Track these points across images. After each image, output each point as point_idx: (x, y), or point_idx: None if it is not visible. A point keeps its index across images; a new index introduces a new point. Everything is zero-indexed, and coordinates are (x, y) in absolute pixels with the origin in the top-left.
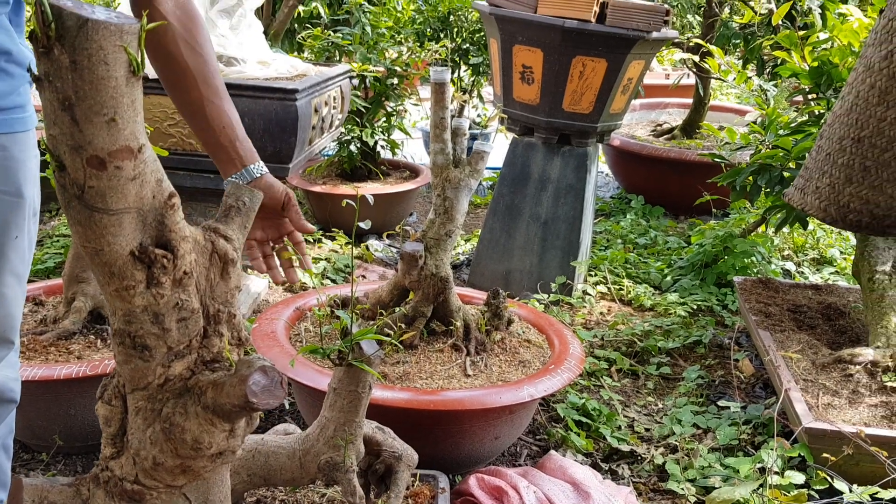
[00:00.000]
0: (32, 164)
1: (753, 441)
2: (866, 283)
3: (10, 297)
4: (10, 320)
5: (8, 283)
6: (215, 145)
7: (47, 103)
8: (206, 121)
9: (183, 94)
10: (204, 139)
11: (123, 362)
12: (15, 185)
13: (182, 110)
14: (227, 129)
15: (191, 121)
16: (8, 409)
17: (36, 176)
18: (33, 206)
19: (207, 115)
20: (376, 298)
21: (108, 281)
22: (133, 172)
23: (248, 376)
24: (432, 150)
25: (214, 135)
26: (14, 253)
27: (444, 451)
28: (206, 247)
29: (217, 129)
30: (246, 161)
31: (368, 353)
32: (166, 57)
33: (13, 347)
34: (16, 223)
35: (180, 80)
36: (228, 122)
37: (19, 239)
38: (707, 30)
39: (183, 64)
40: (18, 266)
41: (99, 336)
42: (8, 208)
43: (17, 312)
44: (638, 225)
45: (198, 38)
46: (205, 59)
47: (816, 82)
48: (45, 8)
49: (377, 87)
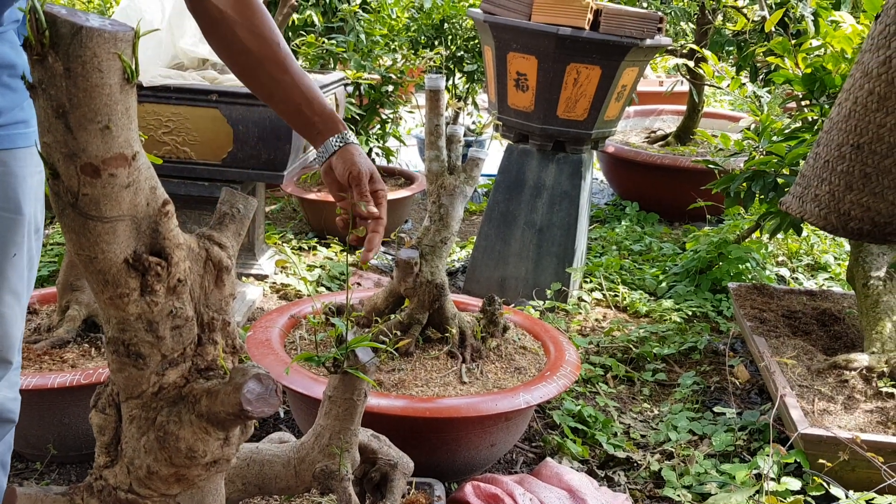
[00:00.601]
0: (35, 181)
1: (749, 447)
2: (861, 289)
3: (8, 317)
4: (8, 340)
5: (6, 302)
6: (299, 124)
7: (41, 111)
8: (283, 102)
9: (253, 80)
10: (288, 119)
11: (117, 370)
12: (14, 201)
13: (259, 95)
14: (304, 107)
15: (270, 103)
16: (7, 429)
17: (38, 192)
18: (34, 223)
19: (283, 96)
20: (371, 306)
21: (102, 289)
22: (127, 180)
23: (243, 384)
24: (427, 157)
25: (294, 114)
26: (12, 271)
27: (440, 459)
28: (200, 254)
29: (294, 108)
30: (325, 134)
31: (364, 360)
32: (229, 47)
33: (12, 367)
34: (14, 241)
35: (247, 66)
36: (304, 98)
37: (18, 257)
38: (700, 37)
39: (246, 50)
40: (17, 285)
41: (93, 344)
42: (6, 226)
43: (16, 332)
44: (633, 231)
45: (255, 22)
46: (268, 42)
47: (810, 88)
48: (40, 15)
49: (372, 94)
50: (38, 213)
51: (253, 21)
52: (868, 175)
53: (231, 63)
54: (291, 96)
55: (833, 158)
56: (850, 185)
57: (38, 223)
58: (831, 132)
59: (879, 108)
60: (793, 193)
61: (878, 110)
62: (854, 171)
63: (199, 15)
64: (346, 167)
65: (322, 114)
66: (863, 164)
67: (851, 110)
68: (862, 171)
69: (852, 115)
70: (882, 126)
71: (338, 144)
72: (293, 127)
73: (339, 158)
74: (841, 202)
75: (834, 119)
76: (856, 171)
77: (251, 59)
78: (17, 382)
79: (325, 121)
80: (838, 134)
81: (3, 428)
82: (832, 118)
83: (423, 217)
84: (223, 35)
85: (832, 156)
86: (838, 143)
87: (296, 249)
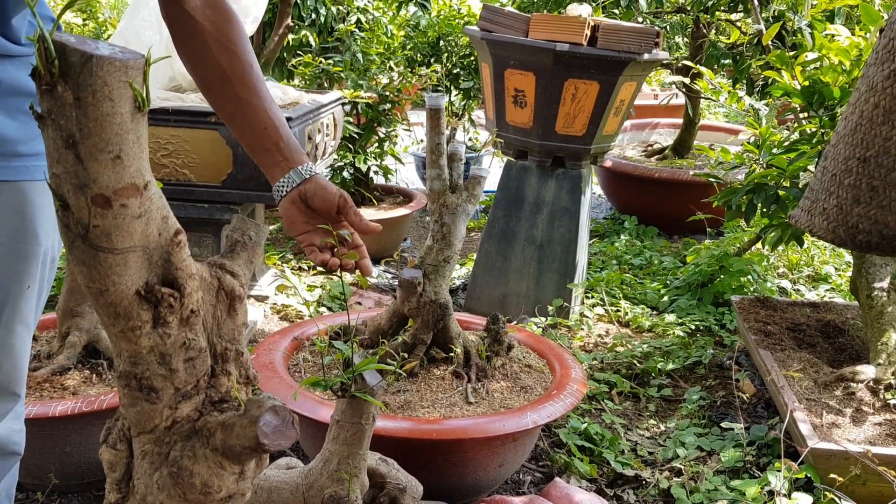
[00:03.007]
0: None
1: (759, 462)
2: (865, 300)
3: (18, 348)
4: (17, 372)
5: (18, 333)
6: (258, 149)
7: (50, 141)
8: (245, 123)
9: (217, 96)
10: (246, 143)
11: (129, 405)
12: (32, 232)
13: (220, 113)
14: (270, 131)
15: (230, 123)
16: (12, 462)
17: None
18: (51, 253)
19: (245, 117)
20: (375, 326)
21: (114, 322)
22: (139, 210)
23: (259, 417)
24: (429, 175)
25: (255, 138)
26: (24, 303)
27: (448, 481)
28: (212, 283)
29: (258, 131)
30: (292, 162)
31: (371, 384)
32: (198, 58)
33: (19, 400)
34: (29, 273)
35: (214, 81)
36: (270, 122)
37: (31, 289)
38: (696, 50)
39: (215, 64)
40: (28, 316)
41: (94, 371)
42: (23, 258)
43: (24, 364)
44: (632, 245)
45: (230, 37)
46: (240, 58)
47: (809, 101)
48: (49, 44)
49: (369, 113)
50: (56, 243)
51: (228, 35)
52: (875, 188)
53: (198, 76)
54: (257, 118)
55: (840, 172)
56: (857, 198)
57: (55, 254)
58: (838, 146)
59: (885, 121)
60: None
61: (883, 123)
62: (861, 184)
63: (171, 21)
64: (329, 195)
65: (288, 141)
66: (870, 177)
67: (857, 124)
68: (869, 184)
69: (858, 128)
70: (888, 139)
71: (310, 172)
72: (251, 152)
73: (313, 186)
74: (849, 215)
75: (840, 133)
76: (863, 185)
77: (219, 74)
78: (22, 414)
79: (292, 149)
80: (845, 147)
81: (9, 461)
82: (838, 132)
83: (422, 235)
84: (194, 46)
85: (839, 169)
86: (845, 157)
87: (295, 269)
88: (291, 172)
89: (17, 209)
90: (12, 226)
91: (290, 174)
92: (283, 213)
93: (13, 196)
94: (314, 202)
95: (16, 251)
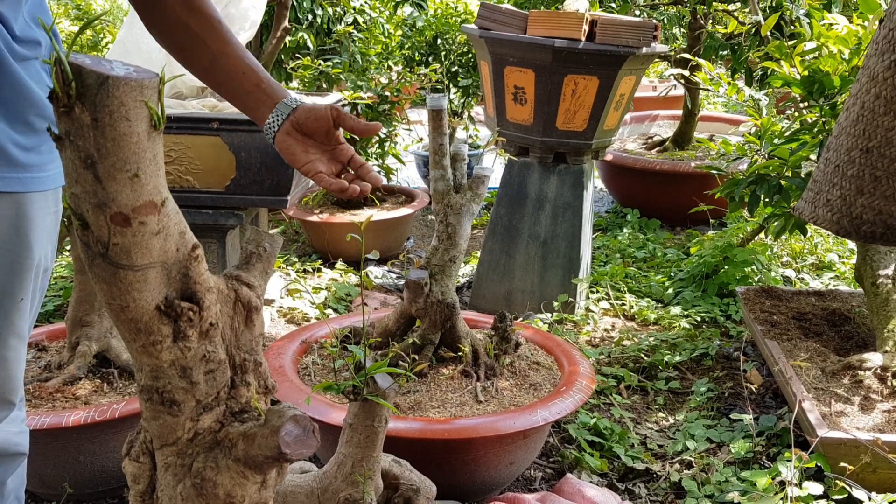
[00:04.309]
0: (49, 221)
1: (769, 453)
2: (870, 288)
3: (11, 360)
4: (11, 382)
5: (11, 345)
6: (242, 94)
7: (68, 162)
8: (223, 73)
9: (190, 55)
10: (228, 92)
11: (151, 418)
12: (26, 244)
13: (196, 71)
14: (249, 74)
15: (208, 78)
16: (16, 463)
17: (51, 233)
18: (44, 263)
19: (222, 66)
20: (383, 328)
21: (135, 337)
22: (157, 227)
23: (280, 427)
24: (432, 176)
25: (236, 84)
26: (18, 315)
27: (460, 480)
28: (229, 295)
29: (237, 77)
30: (276, 98)
31: (383, 386)
32: (165, 24)
33: (14, 408)
34: (22, 285)
35: (185, 41)
36: (247, 66)
37: (24, 301)
38: (693, 42)
39: (183, 24)
40: (22, 328)
41: (105, 380)
42: (16, 270)
43: (19, 374)
44: (635, 238)
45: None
46: (204, 13)
47: (809, 90)
48: (65, 66)
49: (369, 113)
50: (49, 253)
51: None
52: (878, 178)
53: (168, 42)
54: (234, 65)
55: (843, 163)
56: (860, 189)
57: (48, 263)
58: (840, 137)
59: (887, 111)
60: (805, 199)
61: (885, 114)
62: (864, 175)
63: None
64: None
65: (269, 81)
66: (873, 167)
67: (859, 115)
68: (872, 174)
69: (860, 119)
70: (890, 129)
71: (296, 102)
72: (233, 100)
73: (303, 112)
74: (853, 206)
75: (842, 124)
76: (866, 175)
77: (188, 33)
78: (22, 418)
79: (273, 87)
80: (847, 139)
81: (14, 462)
82: (840, 123)
83: (425, 234)
84: (161, 14)
85: (842, 160)
86: (847, 148)
87: (300, 272)
88: (279, 106)
89: (13, 221)
90: (7, 238)
91: (277, 108)
92: (279, 147)
93: (9, 208)
94: (308, 126)
95: (10, 264)
